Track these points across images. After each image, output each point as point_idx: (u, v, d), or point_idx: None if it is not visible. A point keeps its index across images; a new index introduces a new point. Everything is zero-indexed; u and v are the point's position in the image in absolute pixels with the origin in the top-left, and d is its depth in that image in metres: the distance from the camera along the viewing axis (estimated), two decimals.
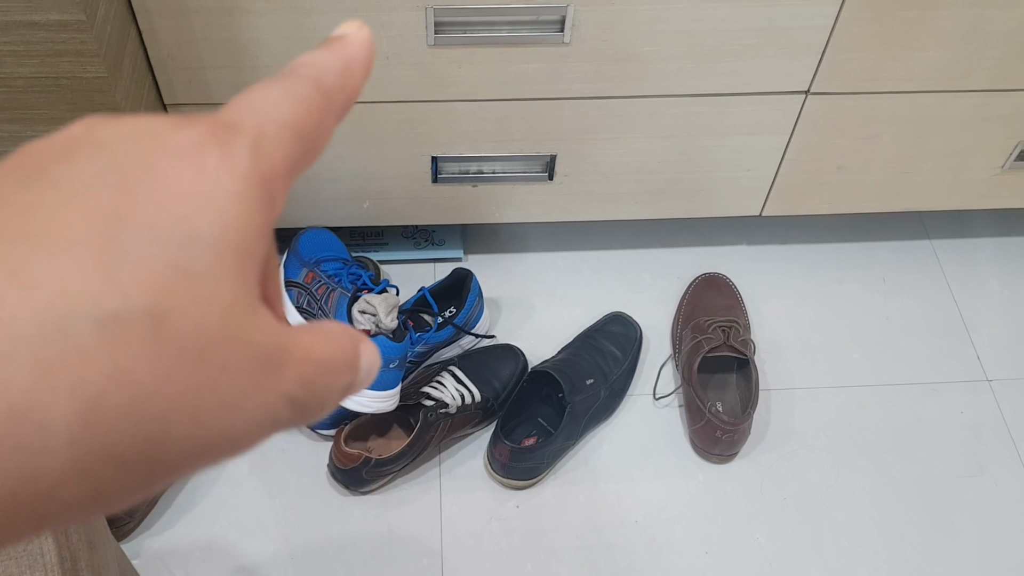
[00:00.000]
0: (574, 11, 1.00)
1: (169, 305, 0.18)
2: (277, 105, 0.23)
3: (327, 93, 0.24)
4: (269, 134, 0.22)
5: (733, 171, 1.22)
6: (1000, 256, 1.41)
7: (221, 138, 0.21)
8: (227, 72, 1.02)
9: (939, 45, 1.07)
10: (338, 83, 0.25)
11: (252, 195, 0.21)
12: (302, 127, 0.23)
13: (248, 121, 0.22)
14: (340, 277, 1.11)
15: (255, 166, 0.21)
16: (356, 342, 0.24)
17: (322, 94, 0.24)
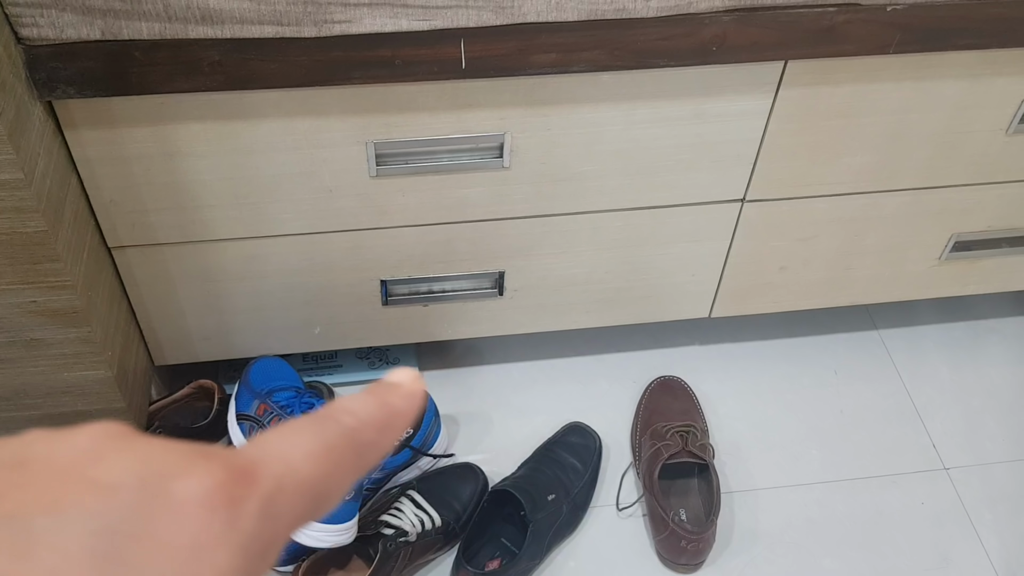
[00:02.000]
0: (511, 137, 1.03)
1: None
2: (305, 458, 0.21)
3: (362, 448, 0.23)
4: (286, 492, 0.20)
5: (678, 277, 1.25)
6: (947, 342, 1.44)
7: (233, 494, 0.19)
8: (171, 214, 1.03)
9: (865, 149, 1.12)
10: (374, 440, 0.23)
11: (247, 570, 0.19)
12: (323, 485, 0.22)
13: (268, 471, 0.20)
14: (292, 407, 1.10)
15: (259, 533, 0.19)
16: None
17: (355, 449, 0.23)
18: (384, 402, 0.24)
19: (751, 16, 0.93)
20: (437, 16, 0.88)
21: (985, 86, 1.07)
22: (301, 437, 0.22)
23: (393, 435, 0.24)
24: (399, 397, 0.25)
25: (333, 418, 0.23)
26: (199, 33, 0.86)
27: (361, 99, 0.96)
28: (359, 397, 0.24)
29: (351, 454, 0.22)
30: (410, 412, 0.25)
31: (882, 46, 0.98)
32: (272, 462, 0.20)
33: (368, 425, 0.23)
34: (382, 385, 0.25)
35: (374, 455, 0.23)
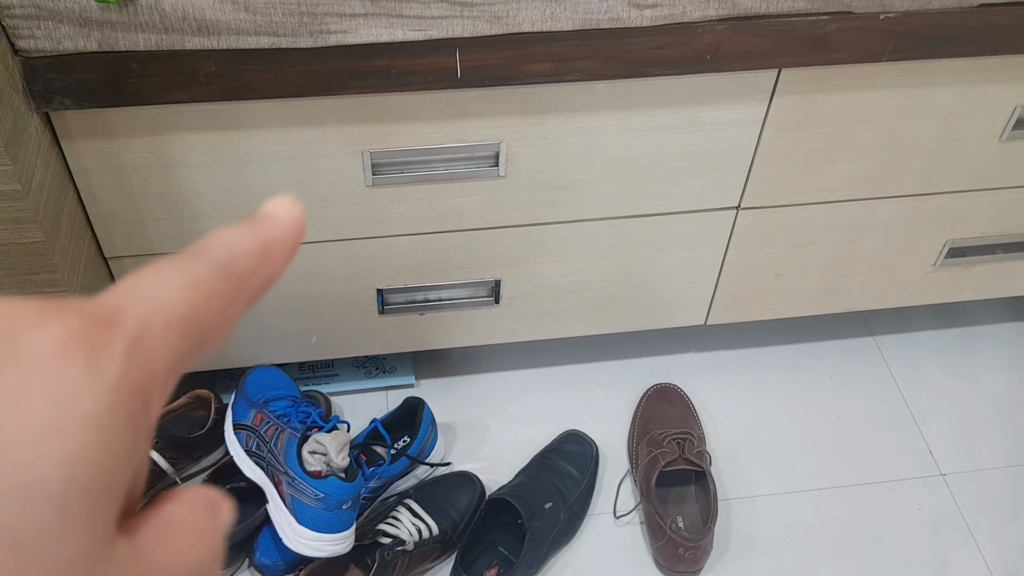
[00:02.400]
0: (507, 146, 1.03)
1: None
2: (171, 292, 0.20)
3: (237, 278, 0.22)
4: (153, 329, 0.19)
5: (674, 284, 1.25)
6: (942, 348, 1.44)
7: (92, 338, 0.18)
8: (168, 224, 1.03)
9: (859, 157, 1.12)
10: (252, 267, 0.22)
11: (118, 415, 0.17)
12: (197, 319, 0.20)
13: (131, 312, 0.19)
14: (289, 416, 1.10)
15: (128, 374, 0.18)
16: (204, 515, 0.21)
17: (230, 279, 0.21)
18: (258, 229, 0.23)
19: (744, 25, 0.93)
20: (432, 26, 0.88)
21: (978, 93, 1.07)
22: (166, 275, 0.20)
23: (272, 263, 0.23)
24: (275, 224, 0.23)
25: (202, 251, 0.21)
26: (195, 44, 0.86)
27: (357, 109, 0.97)
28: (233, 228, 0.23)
29: (225, 284, 0.21)
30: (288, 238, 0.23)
31: (875, 54, 0.99)
32: (134, 303, 0.19)
33: (242, 253, 0.22)
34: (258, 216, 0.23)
35: (254, 284, 0.22)
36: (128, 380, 0.18)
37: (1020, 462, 1.30)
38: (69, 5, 0.81)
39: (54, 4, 0.81)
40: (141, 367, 0.18)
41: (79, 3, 0.81)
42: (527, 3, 0.88)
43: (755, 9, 0.92)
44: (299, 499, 1.03)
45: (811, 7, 0.93)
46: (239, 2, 0.83)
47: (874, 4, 0.94)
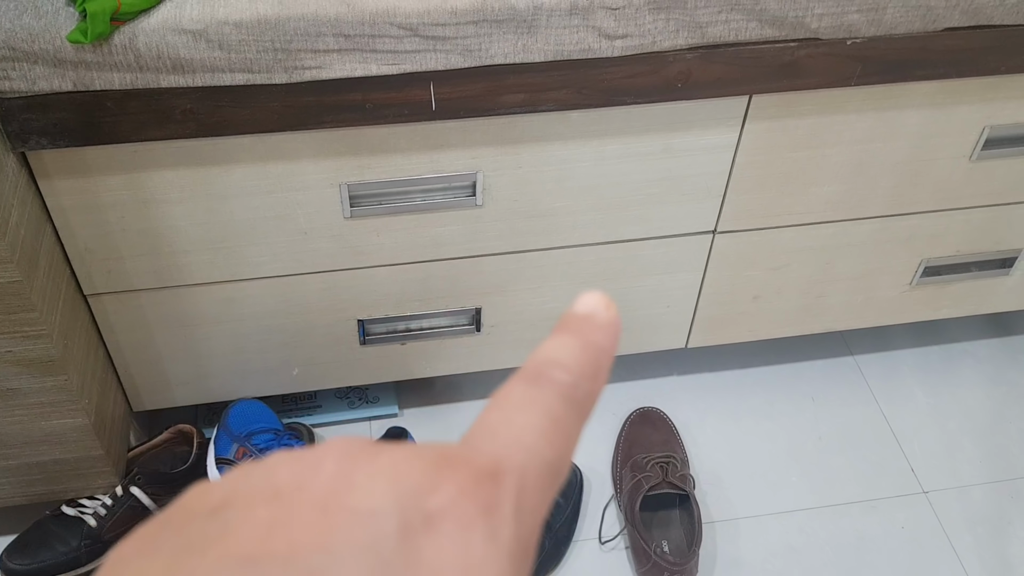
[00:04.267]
0: (484, 176, 1.04)
1: None
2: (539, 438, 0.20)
3: (581, 407, 0.22)
4: (530, 480, 0.19)
5: (654, 308, 1.26)
6: (922, 366, 1.46)
7: (485, 499, 0.18)
8: (146, 260, 1.03)
9: (832, 179, 1.14)
10: (590, 390, 0.22)
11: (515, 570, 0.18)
12: (560, 460, 0.20)
13: (511, 464, 0.19)
14: (271, 450, 1.09)
15: (519, 534, 0.19)
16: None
17: (578, 410, 0.21)
18: (588, 342, 0.22)
19: (714, 53, 0.95)
20: (406, 60, 0.90)
21: (947, 115, 1.09)
22: (528, 415, 0.20)
23: (605, 377, 0.22)
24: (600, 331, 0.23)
25: (547, 378, 0.21)
26: (170, 82, 0.87)
27: (333, 142, 0.97)
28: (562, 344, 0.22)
29: (576, 416, 0.21)
30: (614, 346, 0.23)
31: (844, 78, 1.00)
32: (511, 453, 0.19)
33: (582, 376, 0.22)
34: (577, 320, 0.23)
35: (591, 406, 0.22)
36: (518, 540, 0.18)
37: (1002, 478, 1.31)
38: (43, 46, 0.82)
39: (28, 45, 0.81)
40: (526, 523, 0.19)
41: (53, 44, 0.82)
42: (499, 36, 0.89)
43: (723, 38, 0.94)
44: None
45: (779, 34, 0.95)
46: (213, 40, 0.84)
47: (841, 30, 0.95)
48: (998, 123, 1.11)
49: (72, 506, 1.13)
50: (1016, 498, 1.28)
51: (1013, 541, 1.24)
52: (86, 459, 1.09)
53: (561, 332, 0.23)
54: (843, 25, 0.94)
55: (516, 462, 0.19)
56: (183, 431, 1.20)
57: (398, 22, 0.87)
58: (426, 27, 0.87)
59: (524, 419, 0.20)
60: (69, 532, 1.11)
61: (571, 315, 0.23)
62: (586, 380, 0.22)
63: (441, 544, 0.17)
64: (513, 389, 0.21)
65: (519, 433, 0.20)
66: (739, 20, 0.92)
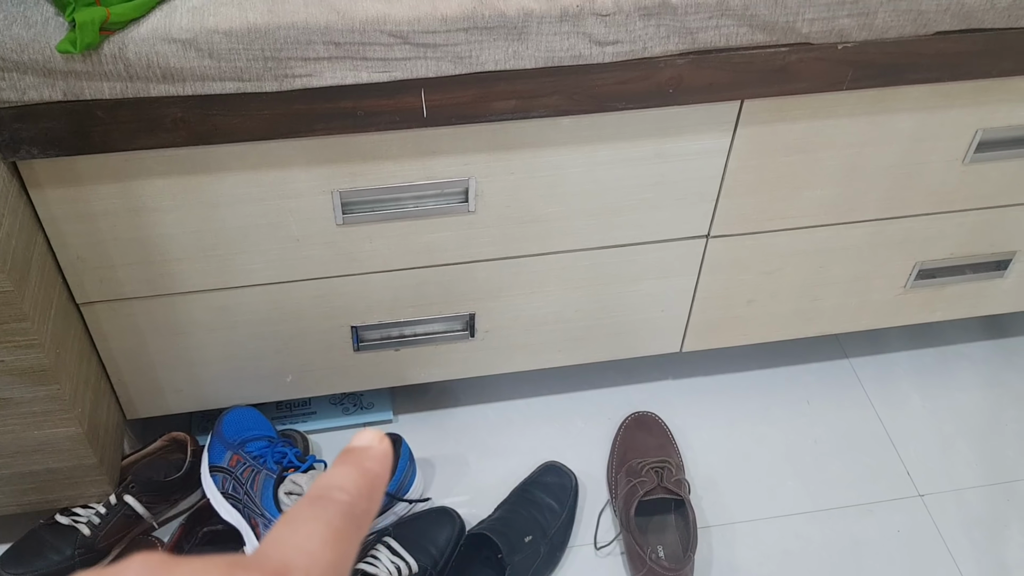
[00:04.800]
0: (476, 182, 1.04)
1: None
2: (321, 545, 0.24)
3: (358, 520, 0.25)
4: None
5: (648, 313, 1.26)
6: (917, 369, 1.46)
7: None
8: (138, 268, 1.03)
9: (825, 183, 1.14)
10: (367, 508, 0.26)
11: None
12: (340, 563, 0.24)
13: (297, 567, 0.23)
14: (265, 457, 1.09)
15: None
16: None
17: (354, 522, 0.25)
18: (364, 470, 0.27)
19: (705, 59, 0.95)
20: (397, 68, 0.89)
21: (939, 118, 1.09)
22: (312, 526, 0.24)
23: (379, 498, 0.27)
24: (374, 461, 0.27)
25: (328, 499, 0.25)
26: (161, 91, 0.87)
27: (325, 149, 0.97)
28: (341, 471, 0.26)
29: (354, 529, 0.25)
30: (386, 473, 0.27)
31: (835, 83, 1.00)
32: (298, 558, 0.23)
33: (359, 497, 0.26)
34: (355, 453, 0.27)
35: (368, 521, 0.26)
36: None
37: (997, 480, 1.31)
38: (33, 56, 0.82)
39: (18, 55, 0.81)
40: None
41: (43, 54, 0.82)
42: (489, 43, 0.89)
43: (714, 43, 0.94)
44: None
45: (770, 39, 0.95)
46: (203, 49, 0.84)
47: (831, 35, 0.95)
48: (991, 126, 1.11)
49: (66, 515, 1.13)
50: (1012, 500, 1.28)
51: (1009, 544, 1.23)
52: (79, 468, 1.09)
53: (341, 462, 0.27)
54: (834, 30, 0.94)
55: (301, 564, 0.22)
56: (177, 439, 1.20)
57: (388, 30, 0.86)
58: (416, 35, 0.87)
59: (308, 530, 0.24)
60: (63, 541, 1.10)
61: (349, 449, 0.28)
62: (362, 500, 0.26)
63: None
64: (299, 508, 0.25)
65: (303, 541, 0.23)
66: (729, 26, 0.92)
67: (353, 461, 0.27)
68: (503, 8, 0.88)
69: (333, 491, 0.26)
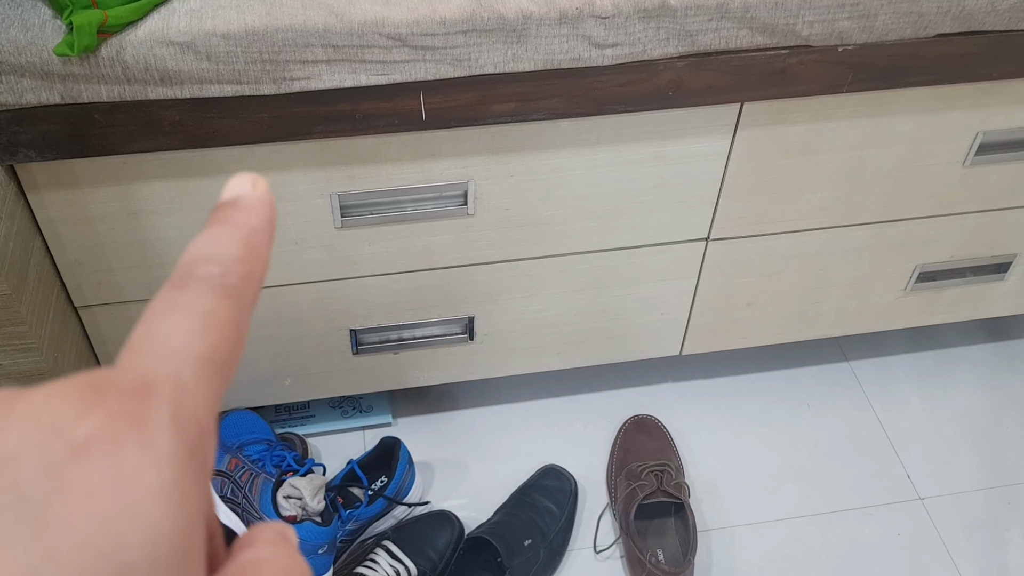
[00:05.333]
0: (475, 185, 1.04)
1: None
2: (188, 337, 0.19)
3: (236, 291, 0.21)
4: (187, 384, 0.19)
5: (648, 316, 1.25)
6: (917, 372, 1.45)
7: (134, 415, 0.18)
8: (137, 271, 1.03)
9: (825, 186, 1.13)
10: (245, 274, 0.21)
11: (182, 480, 0.18)
12: (219, 353, 0.20)
13: (161, 375, 0.19)
14: (264, 461, 1.09)
15: (179, 438, 0.18)
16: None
17: (232, 298, 0.21)
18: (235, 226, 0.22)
19: (704, 61, 0.95)
20: (395, 70, 0.89)
21: (939, 121, 1.09)
22: (173, 319, 0.20)
23: (263, 257, 0.22)
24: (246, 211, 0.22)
25: (192, 277, 0.21)
26: (158, 94, 0.86)
27: (323, 152, 0.97)
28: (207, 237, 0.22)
29: (232, 302, 0.20)
30: (265, 223, 0.22)
31: (835, 85, 1.00)
32: (159, 362, 0.19)
33: (233, 263, 0.21)
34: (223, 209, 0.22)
35: (255, 287, 0.21)
36: (181, 443, 0.18)
37: (998, 484, 1.31)
38: (30, 59, 0.81)
39: (15, 59, 0.81)
40: (189, 426, 0.18)
41: (40, 57, 0.81)
42: (488, 45, 0.89)
43: (714, 45, 0.93)
44: None
45: (769, 42, 0.94)
46: (201, 52, 0.84)
47: (832, 37, 0.95)
48: (991, 128, 1.11)
49: None
50: (1013, 504, 1.28)
51: (1010, 547, 1.23)
52: None
53: (206, 226, 0.22)
54: (834, 32, 0.94)
55: (164, 370, 0.19)
56: None
57: (387, 32, 0.86)
58: (415, 37, 0.87)
59: (168, 325, 0.19)
60: None
61: (217, 205, 0.22)
62: (238, 264, 0.21)
63: (90, 467, 0.17)
64: (158, 300, 0.20)
65: (164, 340, 0.19)
66: (729, 28, 0.92)
67: (221, 220, 0.22)
68: (502, 10, 0.87)
69: (198, 266, 0.21)
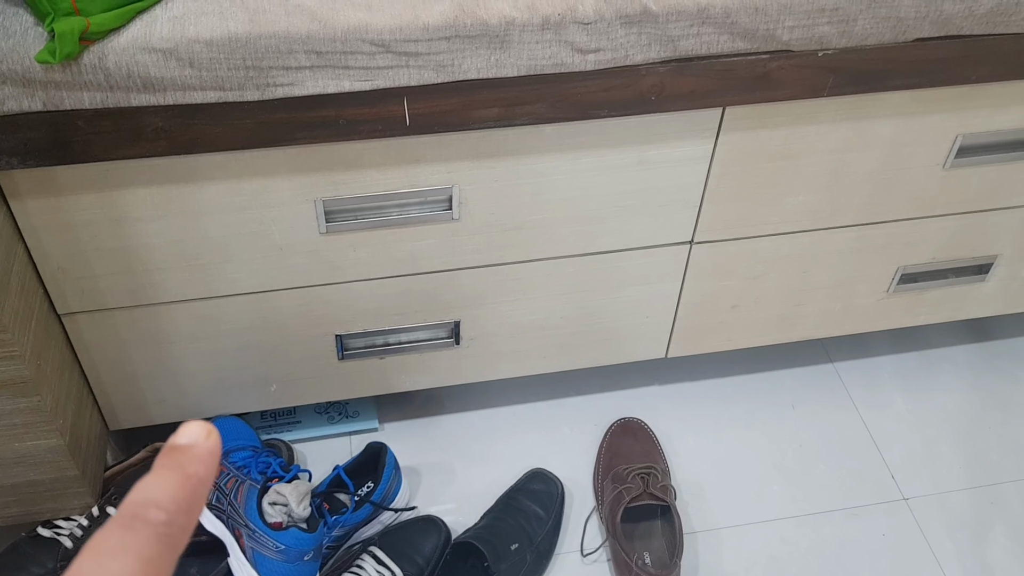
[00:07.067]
0: (460, 190, 1.04)
1: None
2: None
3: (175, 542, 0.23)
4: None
5: (633, 319, 1.26)
6: (901, 372, 1.46)
7: None
8: (120, 278, 1.03)
9: (807, 189, 1.14)
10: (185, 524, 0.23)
11: None
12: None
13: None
14: (249, 467, 1.09)
15: None
16: None
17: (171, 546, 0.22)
18: (185, 476, 0.23)
19: (686, 66, 0.95)
20: (379, 76, 0.89)
21: (920, 124, 1.10)
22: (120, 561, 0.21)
23: (200, 507, 0.24)
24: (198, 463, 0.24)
25: (142, 519, 0.22)
26: (141, 101, 0.86)
27: (307, 158, 0.97)
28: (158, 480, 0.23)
29: (169, 552, 0.22)
30: (211, 474, 0.24)
31: (816, 89, 1.01)
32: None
33: (177, 512, 0.23)
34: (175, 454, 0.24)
35: (186, 538, 0.23)
36: None
37: (981, 483, 1.32)
38: (12, 66, 0.81)
39: None
40: None
41: (22, 64, 0.81)
42: (471, 51, 0.89)
43: (696, 51, 0.94)
44: (260, 552, 1.02)
45: (750, 47, 0.95)
46: (184, 59, 0.84)
47: (812, 42, 0.96)
48: (971, 131, 1.12)
49: (48, 527, 1.12)
50: (996, 503, 1.29)
51: (993, 547, 1.24)
52: (61, 480, 1.08)
53: (159, 467, 0.24)
54: (814, 37, 0.95)
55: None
56: (159, 449, 1.19)
57: (370, 39, 0.86)
58: (398, 43, 0.87)
59: (116, 566, 0.21)
60: (45, 553, 1.10)
61: (170, 447, 0.24)
62: (181, 515, 0.23)
63: None
64: (108, 535, 0.22)
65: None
66: (710, 33, 0.92)
67: (174, 465, 0.23)
68: (485, 16, 0.88)
69: (149, 509, 0.22)
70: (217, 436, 0.25)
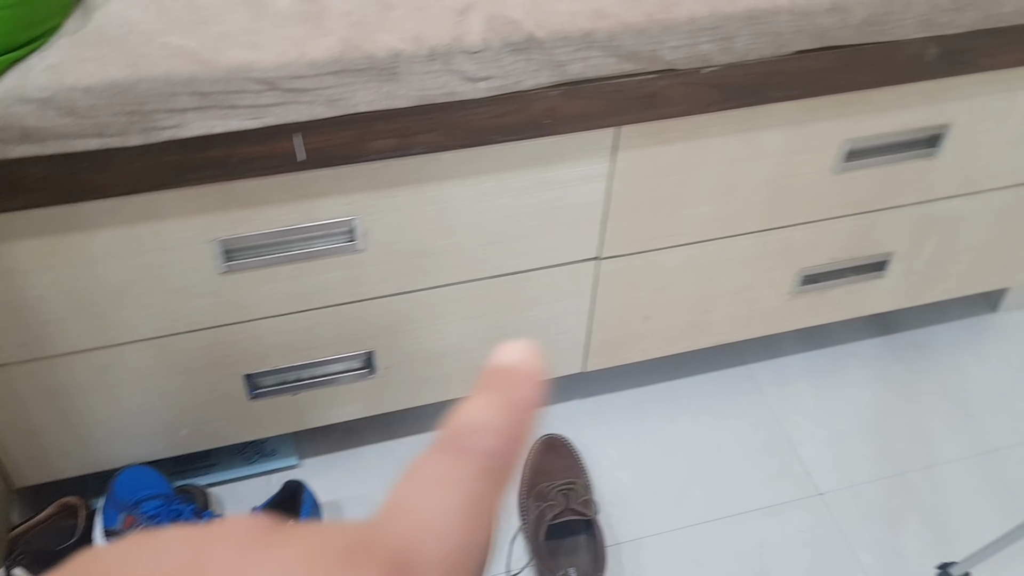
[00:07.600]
0: (362, 221, 1.03)
1: None
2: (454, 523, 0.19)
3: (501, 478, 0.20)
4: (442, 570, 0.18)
5: (548, 336, 1.27)
6: (811, 369, 1.50)
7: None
8: (13, 332, 0.99)
9: (704, 201, 1.17)
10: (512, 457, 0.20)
11: None
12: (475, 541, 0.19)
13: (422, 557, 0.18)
14: (160, 516, 1.06)
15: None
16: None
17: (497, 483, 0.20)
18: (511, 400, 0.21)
19: (577, 89, 0.97)
20: (267, 113, 0.88)
21: (807, 132, 1.14)
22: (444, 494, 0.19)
23: (525, 441, 0.21)
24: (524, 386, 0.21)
25: (466, 448, 0.20)
26: (21, 152, 0.84)
27: (201, 199, 0.95)
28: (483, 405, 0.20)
29: (495, 487, 0.20)
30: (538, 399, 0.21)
31: (704, 105, 1.03)
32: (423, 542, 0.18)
33: (506, 441, 0.20)
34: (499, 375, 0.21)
35: (513, 470, 0.20)
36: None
37: (891, 473, 1.36)
38: None
39: None
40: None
41: None
42: (361, 84, 0.89)
43: (584, 74, 0.96)
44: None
45: (637, 68, 0.97)
46: (62, 107, 0.82)
47: (695, 60, 0.98)
48: (855, 136, 1.16)
49: None
50: (906, 491, 1.34)
51: (906, 534, 1.28)
52: None
53: (482, 391, 0.21)
54: (696, 56, 0.97)
55: (427, 555, 0.18)
56: (69, 504, 1.15)
57: (255, 77, 0.86)
58: (284, 80, 0.87)
59: (438, 500, 0.19)
60: None
61: (492, 370, 0.21)
62: (509, 444, 0.20)
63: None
64: (430, 461, 0.19)
65: (432, 518, 0.19)
66: (597, 57, 0.94)
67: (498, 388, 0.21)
68: (372, 50, 0.88)
69: (474, 437, 0.20)
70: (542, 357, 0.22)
